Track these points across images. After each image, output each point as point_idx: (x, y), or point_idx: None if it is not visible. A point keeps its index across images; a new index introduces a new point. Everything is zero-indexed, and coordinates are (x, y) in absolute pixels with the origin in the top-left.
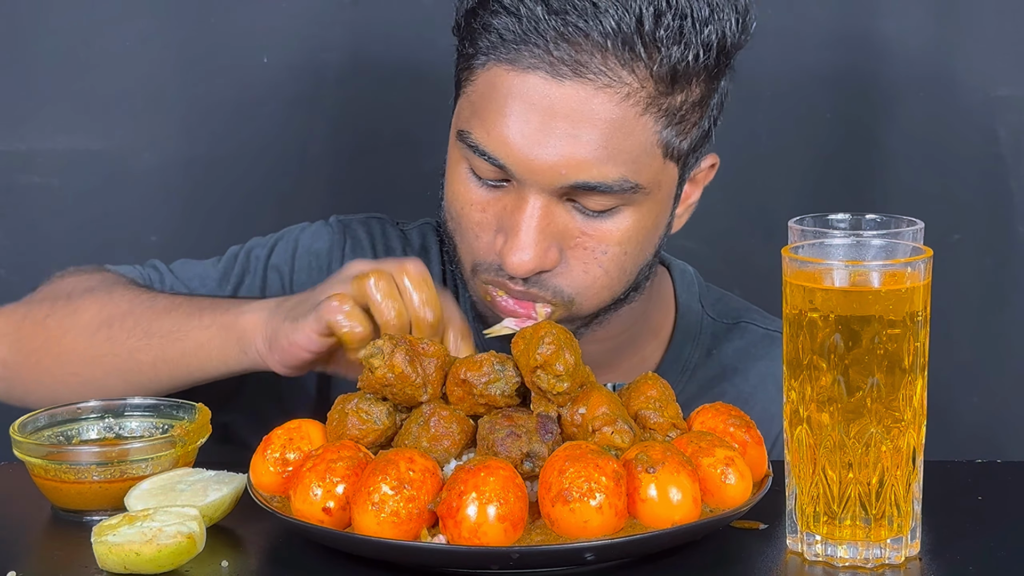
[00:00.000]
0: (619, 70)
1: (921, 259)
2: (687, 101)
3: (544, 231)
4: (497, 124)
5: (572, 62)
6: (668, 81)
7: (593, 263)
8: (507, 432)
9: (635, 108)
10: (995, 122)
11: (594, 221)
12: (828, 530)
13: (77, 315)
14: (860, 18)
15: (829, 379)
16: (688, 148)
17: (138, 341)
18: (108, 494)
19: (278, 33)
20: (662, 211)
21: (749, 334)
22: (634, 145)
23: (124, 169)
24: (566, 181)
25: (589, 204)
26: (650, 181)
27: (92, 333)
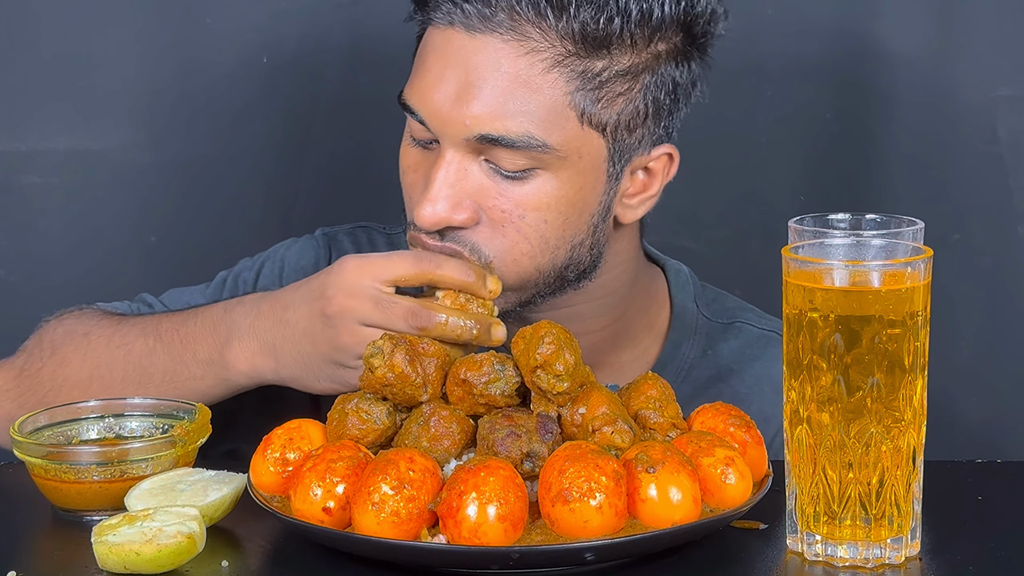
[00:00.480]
0: (526, 25)
1: (921, 259)
2: (609, 68)
3: (455, 186)
4: (418, 79)
5: (481, 16)
6: (581, 43)
7: (511, 227)
8: (507, 432)
9: (541, 64)
10: (995, 122)
11: (510, 184)
12: (828, 530)
13: (64, 368)
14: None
15: (829, 379)
16: (614, 122)
17: (135, 389)
18: (108, 494)
19: (278, 33)
20: (587, 184)
21: (745, 334)
22: (540, 103)
23: (124, 169)
24: (470, 133)
25: (501, 163)
26: (564, 144)
27: (86, 384)
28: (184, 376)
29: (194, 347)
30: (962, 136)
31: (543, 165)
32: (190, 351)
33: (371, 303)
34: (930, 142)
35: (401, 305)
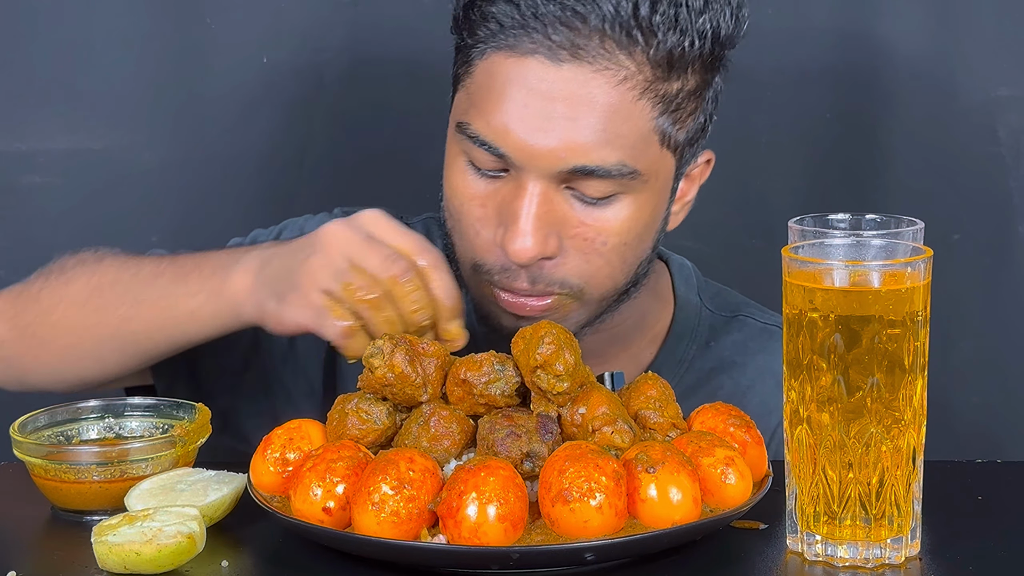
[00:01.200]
0: (617, 54)
1: (921, 259)
2: (683, 90)
3: (543, 218)
4: (496, 112)
5: (570, 45)
6: (665, 67)
7: (594, 253)
8: (507, 432)
9: (632, 92)
10: (995, 122)
11: (593, 210)
12: (828, 530)
13: (68, 286)
14: (860, 18)
15: (829, 379)
16: (684, 140)
17: (129, 309)
18: (108, 494)
19: (278, 33)
20: (659, 203)
21: (747, 327)
22: (632, 129)
23: (124, 169)
24: (565, 165)
25: (587, 190)
26: (648, 168)
27: (83, 303)
28: (179, 293)
29: (202, 268)
30: (962, 136)
31: (626, 190)
32: (197, 271)
33: (362, 237)
34: (930, 142)
35: (388, 249)
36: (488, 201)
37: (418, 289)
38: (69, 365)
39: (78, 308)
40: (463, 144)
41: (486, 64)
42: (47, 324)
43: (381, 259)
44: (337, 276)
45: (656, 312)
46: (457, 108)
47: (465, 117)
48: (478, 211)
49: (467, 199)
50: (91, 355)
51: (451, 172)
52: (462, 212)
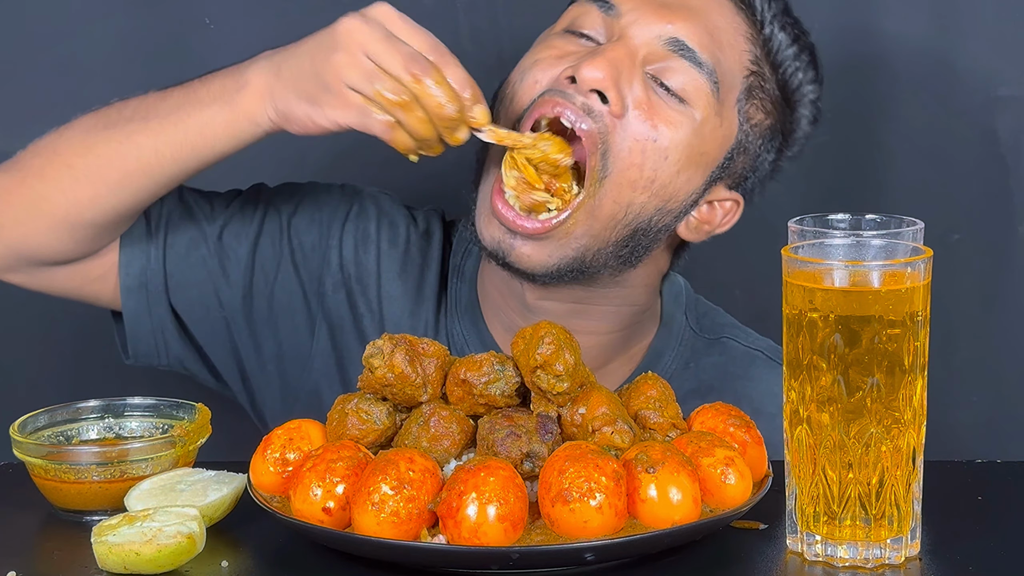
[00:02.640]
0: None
1: (921, 259)
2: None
3: (622, 70)
4: None
5: None
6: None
7: (645, 138)
8: (507, 432)
9: (745, 32)
10: (995, 122)
11: (665, 100)
12: (828, 530)
13: (73, 126)
14: (860, 18)
15: (829, 379)
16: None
17: (137, 124)
18: (108, 494)
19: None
20: (709, 150)
21: (729, 351)
22: (730, 54)
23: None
24: (667, 34)
25: (670, 79)
26: (724, 99)
27: (88, 128)
28: (190, 106)
29: (211, 82)
30: (962, 136)
31: (698, 105)
32: (206, 86)
33: (382, 35)
34: (930, 142)
35: (408, 48)
36: (565, 54)
37: (440, 84)
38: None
39: (82, 133)
40: (571, 15)
41: None
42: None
43: (403, 59)
44: (366, 77)
45: (644, 328)
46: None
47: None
48: (551, 61)
49: (545, 55)
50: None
51: (537, 42)
52: (532, 67)
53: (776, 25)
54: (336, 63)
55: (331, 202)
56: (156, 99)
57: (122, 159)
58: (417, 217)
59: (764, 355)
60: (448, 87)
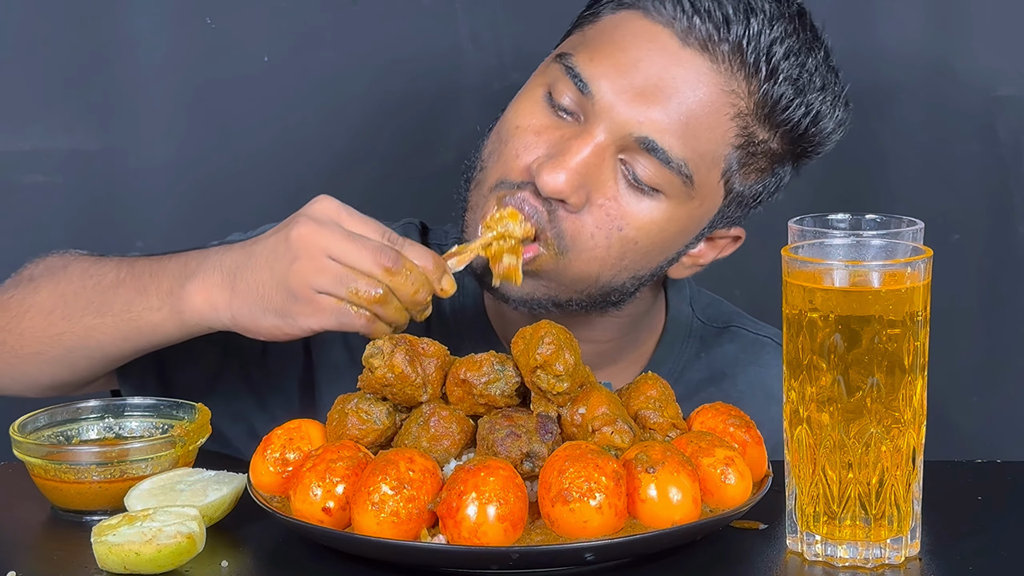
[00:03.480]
0: (738, 69)
1: (921, 259)
2: (766, 144)
3: (588, 168)
4: (606, 55)
5: (705, 37)
6: (765, 110)
7: (604, 231)
8: (507, 432)
9: (730, 108)
10: (995, 122)
11: (631, 194)
12: (828, 530)
13: (36, 294)
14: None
15: (829, 379)
16: (738, 192)
17: (93, 319)
18: (108, 494)
19: (278, 33)
20: (687, 228)
21: (740, 338)
22: (709, 140)
23: (124, 169)
24: (637, 132)
25: (639, 171)
26: (699, 185)
27: (49, 311)
28: (141, 307)
29: (160, 280)
30: (962, 136)
31: (670, 194)
32: (155, 283)
33: (340, 234)
34: (930, 142)
35: (371, 242)
36: (544, 133)
37: (412, 270)
38: (40, 371)
39: (44, 316)
40: (551, 75)
41: (617, 17)
42: (16, 332)
43: (371, 255)
44: (337, 280)
45: (651, 326)
46: (564, 44)
47: (571, 49)
48: (531, 138)
49: (526, 125)
50: (60, 362)
51: (521, 99)
52: (514, 135)
53: (773, 81)
54: (301, 271)
55: None
56: (110, 285)
57: (86, 349)
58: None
59: (773, 342)
60: (418, 272)
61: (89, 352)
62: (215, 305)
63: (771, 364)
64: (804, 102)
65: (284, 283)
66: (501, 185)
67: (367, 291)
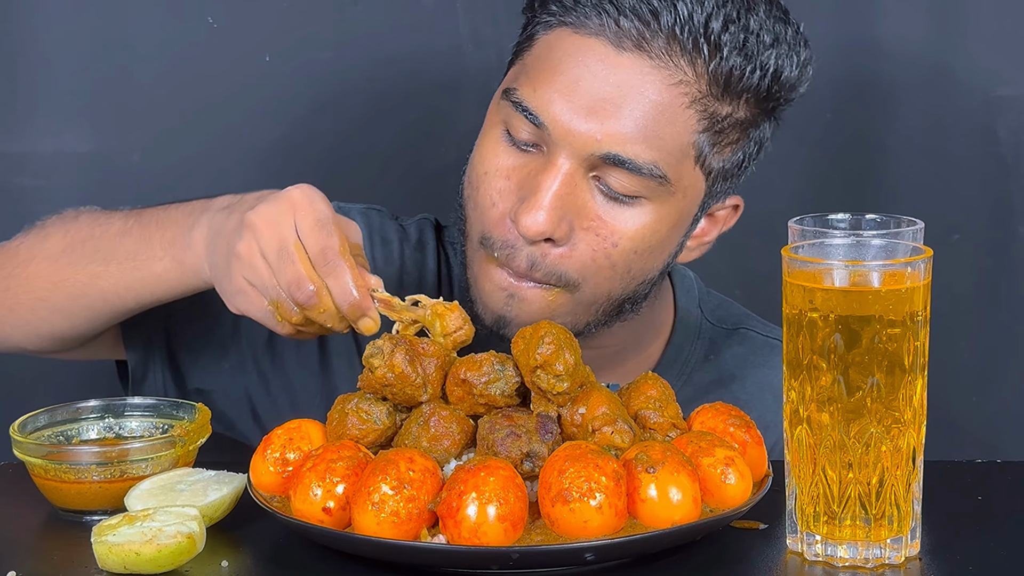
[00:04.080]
0: (679, 57)
1: (921, 259)
2: (731, 116)
3: (563, 199)
4: (546, 82)
5: (637, 36)
6: (720, 86)
7: (601, 252)
8: (507, 432)
9: (683, 98)
10: (995, 122)
11: (614, 206)
12: (828, 530)
13: (44, 241)
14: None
15: (829, 379)
16: (718, 169)
17: (98, 267)
18: (108, 494)
19: (279, 32)
20: (679, 222)
21: (749, 341)
22: (672, 135)
23: (118, 171)
24: (599, 150)
25: (614, 184)
26: (677, 180)
27: (56, 257)
28: (145, 256)
29: (164, 229)
30: (962, 136)
31: (651, 196)
32: (159, 233)
33: (276, 244)
34: (930, 142)
35: (295, 269)
36: (513, 175)
37: (326, 309)
38: (41, 319)
39: (51, 262)
40: (504, 112)
41: (548, 37)
42: (21, 277)
43: (288, 282)
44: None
45: (655, 329)
46: (508, 78)
47: (514, 84)
48: (501, 183)
49: (493, 169)
50: (61, 310)
51: (483, 141)
52: (483, 181)
53: (719, 57)
54: (238, 259)
55: None
56: (117, 233)
57: (88, 298)
58: (408, 229)
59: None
60: (332, 310)
61: (91, 301)
62: (200, 257)
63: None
64: (758, 64)
65: (227, 262)
66: (484, 242)
67: (287, 309)
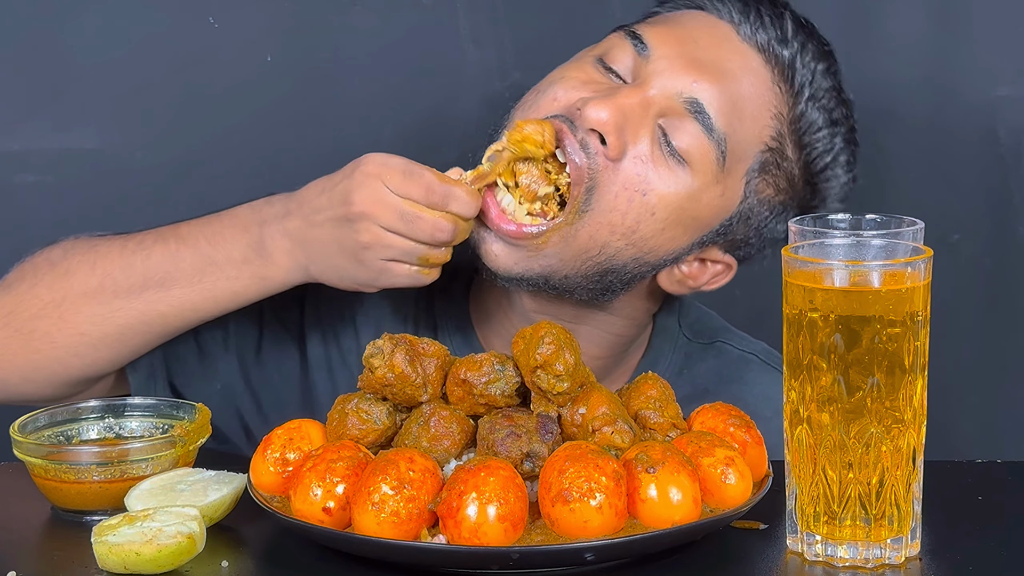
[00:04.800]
0: (785, 81)
1: (921, 259)
2: (788, 162)
3: (633, 116)
4: (670, 30)
5: (764, 42)
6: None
7: (627, 192)
8: (507, 432)
9: (773, 107)
10: (995, 122)
11: (663, 160)
12: (828, 530)
13: (68, 277)
14: (860, 18)
15: (829, 379)
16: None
17: (156, 292)
18: (108, 494)
19: (279, 33)
20: (701, 217)
21: (724, 355)
22: (748, 128)
23: (120, 169)
24: (689, 92)
25: (677, 138)
26: (727, 172)
27: (95, 291)
28: (216, 276)
29: (225, 247)
30: (962, 136)
31: (698, 169)
32: (221, 251)
33: (395, 214)
34: (930, 142)
35: (426, 220)
36: (591, 84)
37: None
38: (79, 354)
39: (91, 297)
40: (609, 43)
41: (681, 15)
42: (53, 317)
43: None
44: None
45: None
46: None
47: (638, 26)
48: (574, 84)
49: (571, 76)
50: (111, 339)
51: (565, 65)
52: (555, 83)
53: (813, 104)
54: (369, 248)
55: None
56: (165, 256)
57: (145, 324)
58: None
59: (759, 359)
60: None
61: (147, 327)
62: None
63: (755, 382)
64: (831, 135)
65: (354, 255)
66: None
67: (437, 256)
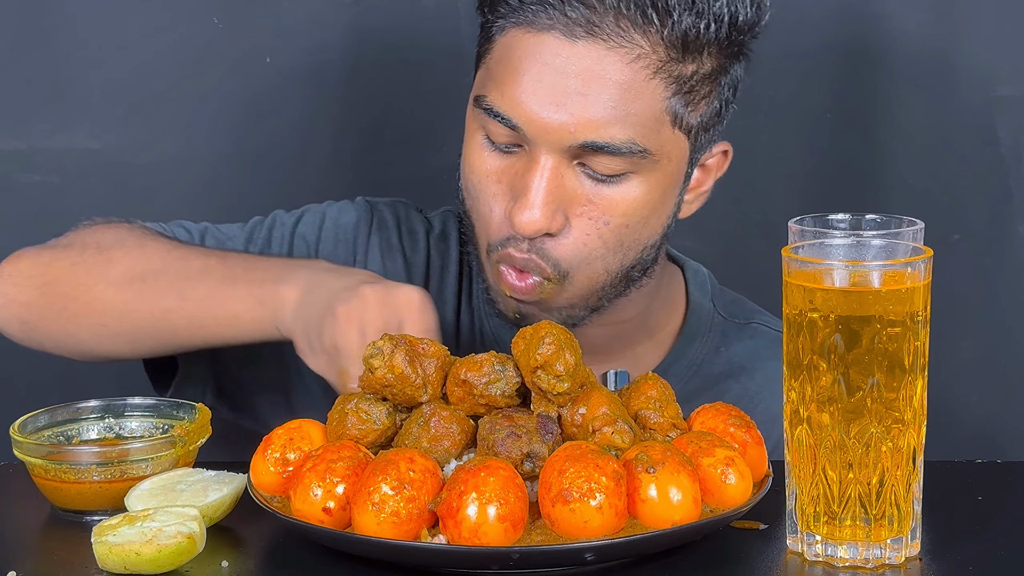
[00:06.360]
0: (631, 32)
1: (921, 259)
2: (697, 72)
3: (552, 192)
4: (511, 85)
5: (586, 22)
6: (679, 48)
7: (594, 233)
8: (507, 432)
9: (645, 71)
10: (995, 122)
11: (602, 187)
12: (828, 530)
13: (109, 266)
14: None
15: (829, 379)
16: (698, 124)
17: (172, 302)
18: (108, 494)
19: (280, 33)
20: (671, 186)
21: (761, 335)
22: (643, 108)
23: (124, 168)
24: (575, 140)
25: (598, 167)
26: (658, 148)
27: (124, 286)
28: (227, 295)
29: (251, 272)
30: (962, 136)
31: (637, 169)
32: (246, 276)
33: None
34: (930, 142)
35: None
36: (502, 176)
37: None
38: (99, 342)
39: (117, 291)
40: (480, 118)
41: (504, 39)
42: (82, 301)
43: None
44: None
45: (665, 314)
46: (476, 84)
47: (482, 91)
48: (493, 187)
49: (483, 175)
50: (123, 336)
51: (469, 149)
52: (479, 189)
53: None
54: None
55: (351, 219)
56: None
57: (156, 330)
58: (433, 221)
59: None
60: None
61: (157, 332)
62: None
63: None
64: (711, 18)
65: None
66: (490, 248)
67: None
